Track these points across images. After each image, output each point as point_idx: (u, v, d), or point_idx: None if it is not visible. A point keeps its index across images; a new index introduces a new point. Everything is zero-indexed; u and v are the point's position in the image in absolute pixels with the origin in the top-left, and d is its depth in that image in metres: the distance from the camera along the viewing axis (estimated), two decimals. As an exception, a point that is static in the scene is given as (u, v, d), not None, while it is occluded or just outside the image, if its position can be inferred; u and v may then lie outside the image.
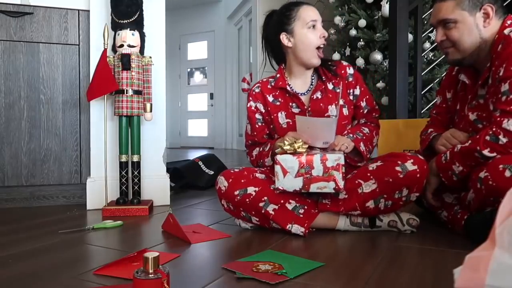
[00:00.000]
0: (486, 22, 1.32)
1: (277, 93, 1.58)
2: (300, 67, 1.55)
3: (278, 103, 1.57)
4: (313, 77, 1.58)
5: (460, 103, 1.49)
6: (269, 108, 1.57)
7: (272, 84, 1.59)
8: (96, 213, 1.82)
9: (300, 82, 1.58)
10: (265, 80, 1.64)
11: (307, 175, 1.30)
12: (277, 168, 1.32)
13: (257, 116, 1.60)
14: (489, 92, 1.32)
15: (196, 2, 7.56)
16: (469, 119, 1.40)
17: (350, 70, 1.57)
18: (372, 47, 3.29)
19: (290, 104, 1.56)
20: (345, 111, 1.54)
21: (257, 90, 1.62)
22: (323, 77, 1.54)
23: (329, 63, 1.58)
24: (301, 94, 1.56)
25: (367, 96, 1.59)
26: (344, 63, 1.60)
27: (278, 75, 1.59)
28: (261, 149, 1.58)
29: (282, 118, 1.55)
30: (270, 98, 1.58)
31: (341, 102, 1.53)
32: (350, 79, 1.56)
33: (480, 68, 1.39)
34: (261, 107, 1.60)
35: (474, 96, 1.40)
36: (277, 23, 1.54)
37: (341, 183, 1.30)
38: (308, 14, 1.50)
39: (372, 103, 1.61)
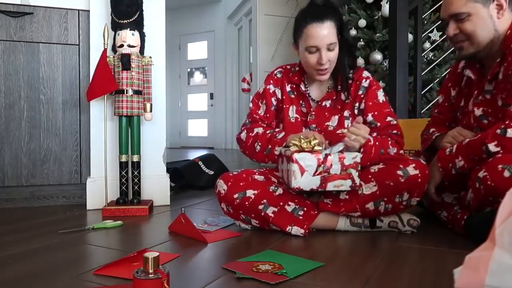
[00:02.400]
0: (500, 13, 1.30)
1: (294, 86, 1.56)
2: (310, 77, 1.52)
3: (292, 96, 1.56)
4: (329, 86, 1.54)
5: (464, 99, 1.47)
6: (284, 97, 1.56)
7: (291, 74, 1.57)
8: (96, 213, 1.82)
9: (316, 88, 1.55)
10: (288, 67, 1.60)
11: (325, 173, 1.28)
12: (295, 167, 1.27)
13: (273, 100, 1.57)
14: (498, 87, 1.30)
15: (196, 2, 7.56)
16: (474, 115, 1.38)
17: (365, 83, 1.49)
18: (372, 47, 3.29)
19: (301, 101, 1.55)
20: (347, 123, 1.49)
21: (279, 75, 1.59)
22: (339, 87, 1.50)
23: (350, 71, 1.51)
24: (314, 101, 1.54)
25: (376, 112, 1.47)
26: (364, 73, 1.52)
27: (297, 68, 1.56)
28: (269, 132, 1.49)
29: (292, 111, 1.55)
30: (288, 88, 1.57)
31: (345, 113, 1.50)
32: (360, 92, 1.49)
33: (487, 63, 1.37)
34: (279, 93, 1.58)
35: (481, 91, 1.37)
36: (293, 27, 1.48)
37: (357, 180, 1.29)
38: (311, 38, 1.38)
39: (383, 120, 1.47)
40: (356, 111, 1.50)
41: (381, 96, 1.50)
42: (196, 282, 0.97)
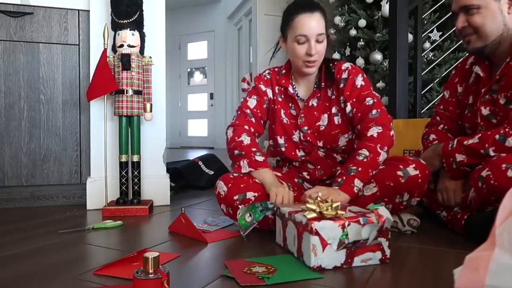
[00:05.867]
0: (511, 9, 1.29)
1: (281, 89, 1.54)
2: (298, 72, 1.50)
3: (280, 99, 1.55)
4: (316, 83, 1.51)
5: (473, 97, 1.45)
6: (274, 98, 1.54)
7: (278, 77, 1.55)
8: (96, 213, 1.82)
9: (304, 86, 1.53)
10: (276, 69, 1.58)
11: (349, 244, 1.04)
12: (314, 240, 1.02)
13: (265, 98, 1.54)
14: (501, 85, 1.29)
15: (196, 2, 7.56)
16: (481, 114, 1.37)
17: (345, 74, 1.46)
18: (372, 47, 3.28)
19: (290, 104, 1.54)
20: (337, 120, 1.47)
21: (268, 77, 1.56)
22: (323, 84, 1.48)
23: (331, 64, 1.49)
24: (302, 100, 1.52)
25: (354, 99, 1.42)
26: (343, 65, 1.48)
27: (284, 71, 1.54)
28: (254, 149, 1.42)
29: (282, 114, 1.53)
30: (276, 90, 1.55)
31: (333, 110, 1.47)
32: (342, 85, 1.45)
33: (497, 61, 1.35)
34: (270, 93, 1.55)
35: (488, 90, 1.36)
36: (281, 21, 1.49)
37: (387, 252, 1.09)
38: (300, 27, 1.38)
39: (361, 104, 1.41)
40: (342, 105, 1.47)
41: (359, 80, 1.45)
42: (196, 282, 0.97)
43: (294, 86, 1.53)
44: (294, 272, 1.02)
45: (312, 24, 1.37)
